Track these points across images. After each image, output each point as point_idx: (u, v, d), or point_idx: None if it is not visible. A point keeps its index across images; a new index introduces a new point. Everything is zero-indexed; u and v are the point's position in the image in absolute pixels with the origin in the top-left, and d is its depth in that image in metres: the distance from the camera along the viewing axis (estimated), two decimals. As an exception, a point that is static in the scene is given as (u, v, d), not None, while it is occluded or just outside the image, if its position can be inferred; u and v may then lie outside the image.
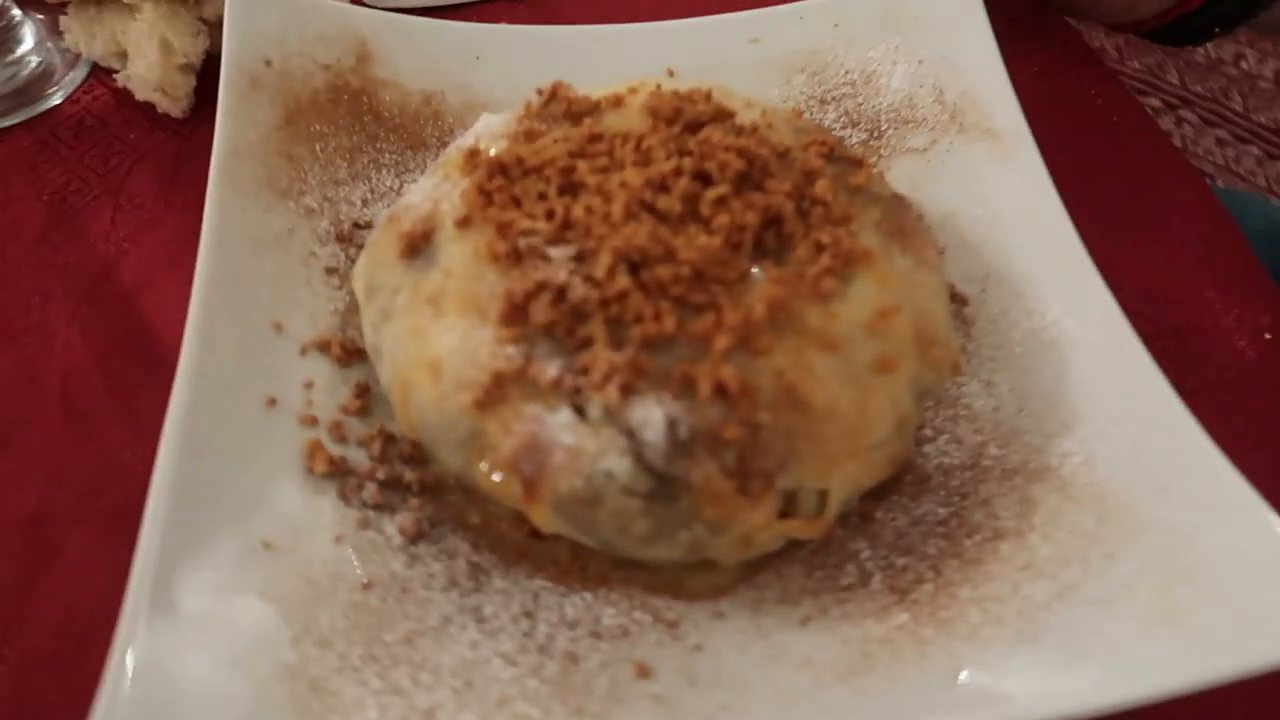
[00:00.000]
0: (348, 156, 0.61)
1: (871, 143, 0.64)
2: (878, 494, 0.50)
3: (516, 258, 0.45)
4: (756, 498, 0.43)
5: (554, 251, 0.45)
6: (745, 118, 0.52)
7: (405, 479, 0.49)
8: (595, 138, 0.50)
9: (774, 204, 0.47)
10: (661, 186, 0.47)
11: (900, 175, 0.62)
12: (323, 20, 0.63)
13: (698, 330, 0.44)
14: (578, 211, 0.46)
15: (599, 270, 0.44)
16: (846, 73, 0.67)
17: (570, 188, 0.48)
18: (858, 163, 0.52)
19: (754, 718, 0.41)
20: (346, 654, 0.42)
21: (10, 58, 0.71)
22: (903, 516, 0.50)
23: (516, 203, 0.48)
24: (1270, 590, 0.41)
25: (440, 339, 0.45)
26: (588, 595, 0.46)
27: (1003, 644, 0.43)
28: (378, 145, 0.62)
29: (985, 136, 0.62)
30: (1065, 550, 0.46)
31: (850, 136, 0.65)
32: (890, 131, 0.64)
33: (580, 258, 0.45)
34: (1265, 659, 0.39)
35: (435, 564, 0.47)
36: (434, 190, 0.50)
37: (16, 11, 0.72)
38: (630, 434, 0.42)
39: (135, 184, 0.67)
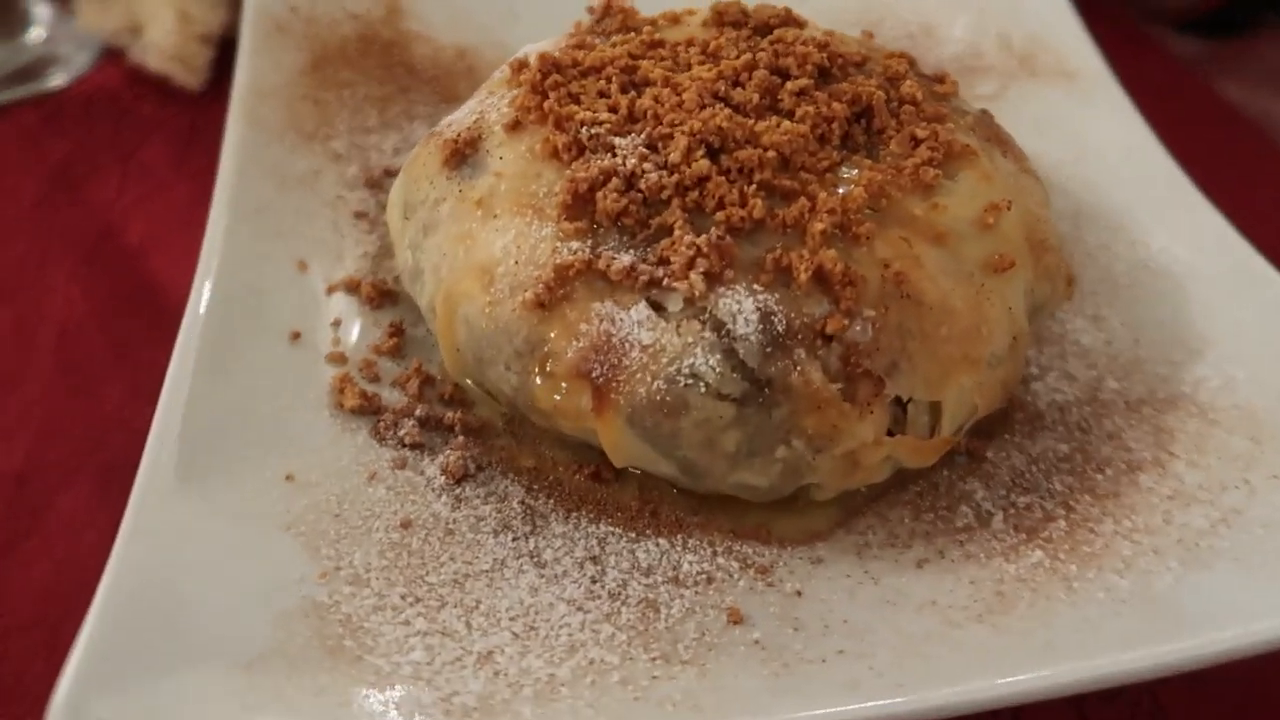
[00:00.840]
0: (378, 105, 0.56)
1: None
2: (986, 432, 0.44)
3: (579, 150, 0.40)
4: (865, 406, 0.37)
5: (621, 141, 0.40)
6: (816, 31, 0.48)
7: (447, 419, 0.43)
8: (657, 43, 0.46)
9: (863, 93, 0.42)
10: (735, 81, 0.42)
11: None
12: (351, -30, 0.59)
13: (790, 216, 0.38)
14: (645, 103, 0.41)
15: (675, 154, 0.39)
16: (904, 25, 0.63)
17: (634, 85, 0.43)
18: (940, 77, 0.48)
19: (879, 661, 0.34)
20: (385, 593, 0.35)
21: (18, 39, 0.68)
22: (1018, 455, 0.43)
23: (575, 100, 0.43)
24: None
25: (492, 242, 0.40)
26: (662, 541, 0.40)
27: (1168, 574, 0.36)
28: (410, 96, 0.57)
29: (1061, 78, 0.58)
30: (1220, 475, 0.40)
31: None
32: (957, 81, 0.60)
33: (651, 145, 0.40)
34: None
35: (484, 507, 0.40)
36: (478, 105, 0.46)
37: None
38: (719, 328, 0.36)
39: (146, 154, 0.62)
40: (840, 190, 0.40)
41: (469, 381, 0.44)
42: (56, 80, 0.66)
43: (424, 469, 0.41)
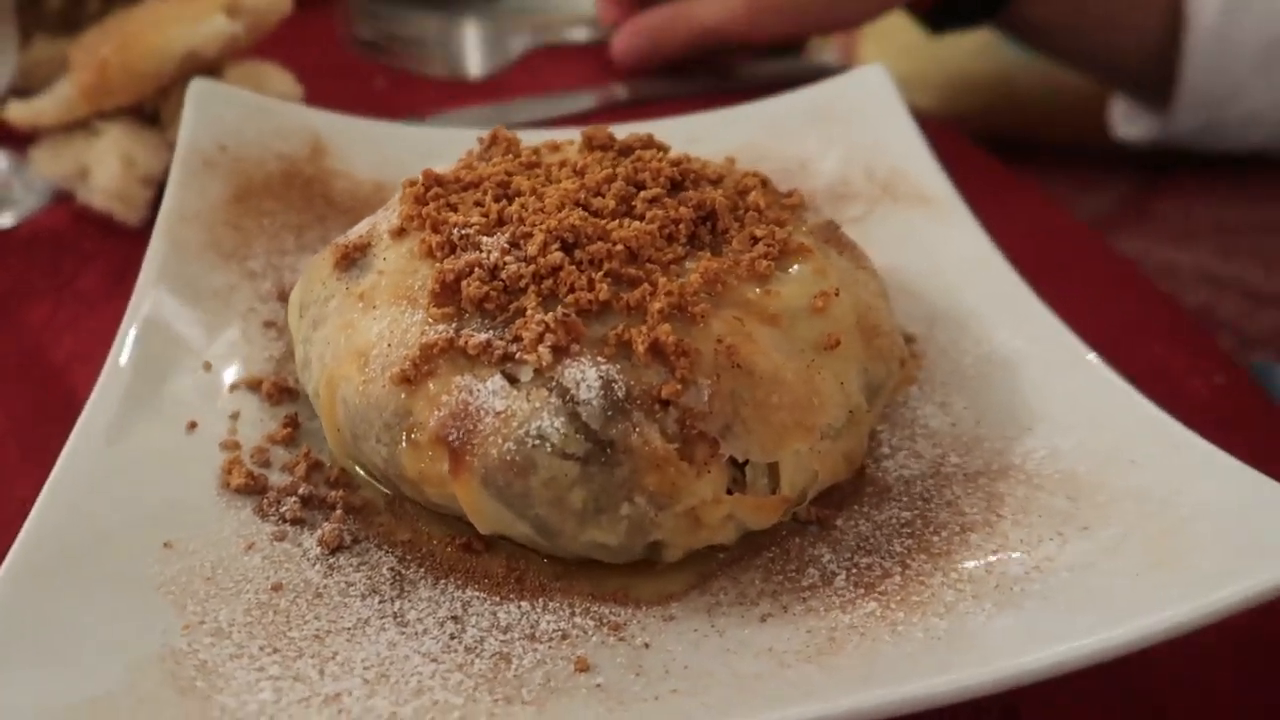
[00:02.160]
0: (295, 231, 0.61)
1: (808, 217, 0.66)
2: (837, 503, 0.47)
3: (450, 248, 0.45)
4: (702, 465, 0.41)
5: (487, 240, 0.45)
6: (678, 153, 0.54)
7: (330, 499, 0.46)
8: (533, 163, 0.52)
9: (708, 199, 0.48)
10: (596, 192, 0.48)
11: (840, 242, 0.63)
12: (280, 118, 0.66)
13: (633, 299, 0.43)
14: (513, 209, 0.47)
15: (533, 248, 0.44)
16: (784, 162, 0.70)
17: (506, 196, 0.48)
18: (789, 193, 0.54)
19: (709, 696, 0.36)
20: (245, 644, 0.37)
21: None
22: (865, 522, 0.46)
23: (452, 208, 0.48)
24: (1258, 525, 0.38)
25: (369, 329, 0.44)
26: (524, 604, 0.42)
27: (982, 614, 0.39)
28: (326, 224, 0.63)
29: (918, 203, 0.65)
30: (1038, 530, 0.43)
31: (788, 214, 0.67)
32: (827, 206, 0.67)
33: (514, 243, 0.45)
34: (1268, 583, 0.35)
35: (355, 574, 0.42)
36: (373, 218, 0.51)
37: None
38: (564, 394, 0.40)
39: (81, 283, 0.67)
40: (681, 279, 0.44)
41: (356, 467, 0.47)
42: (3, 221, 0.72)
43: (301, 541, 0.44)
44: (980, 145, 0.85)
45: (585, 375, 0.40)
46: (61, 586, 0.37)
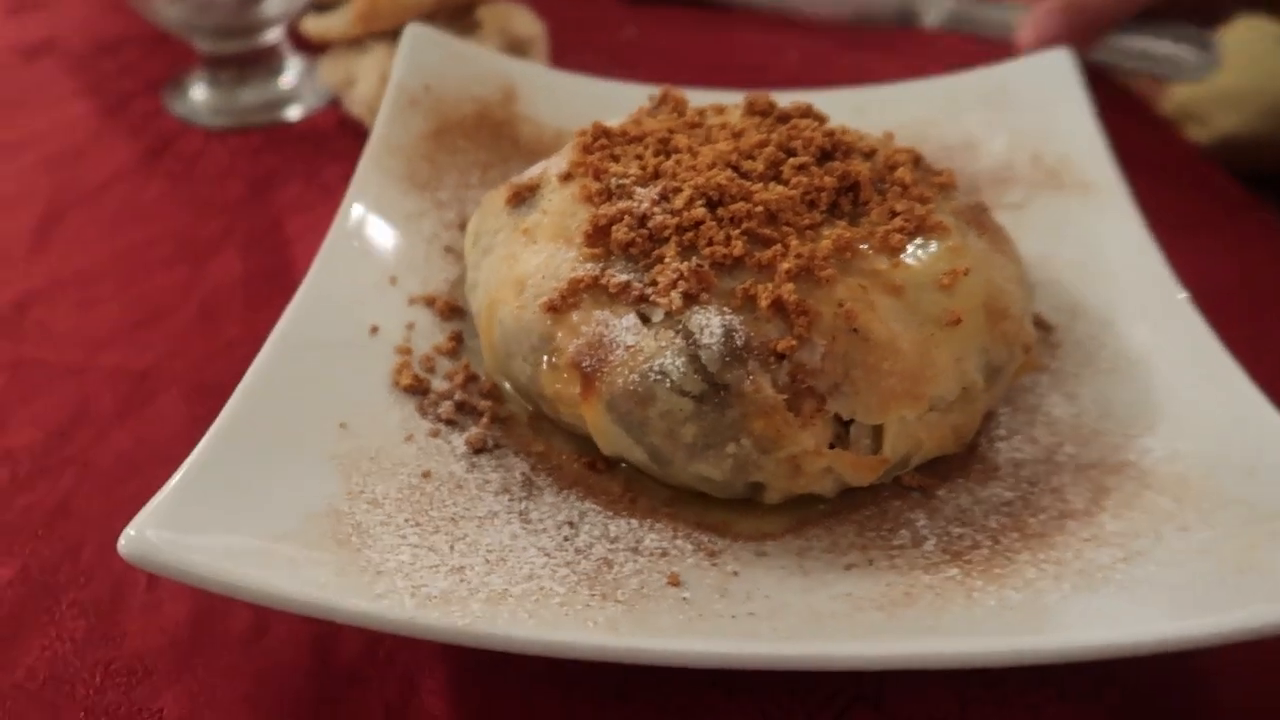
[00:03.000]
0: (482, 169, 0.68)
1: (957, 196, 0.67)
2: (944, 474, 0.49)
3: (607, 195, 0.50)
4: (807, 418, 0.44)
5: (641, 190, 0.49)
6: (837, 124, 0.56)
7: (480, 407, 0.52)
8: (695, 123, 0.55)
9: (853, 170, 0.50)
10: (748, 155, 0.51)
11: (996, 226, 0.64)
12: (480, 64, 0.72)
13: (764, 258, 0.46)
14: (667, 164, 0.51)
15: (679, 202, 0.48)
16: (948, 142, 0.70)
17: (665, 152, 0.52)
18: (939, 171, 0.55)
19: (781, 623, 0.40)
20: (393, 515, 0.44)
21: (272, 82, 0.88)
22: (966, 496, 0.48)
23: (614, 159, 0.52)
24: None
25: (528, 261, 0.49)
26: (634, 521, 0.47)
27: (1057, 594, 0.41)
28: (509, 164, 0.69)
29: (1080, 190, 0.64)
30: (1136, 526, 0.44)
31: (948, 193, 0.68)
32: (988, 190, 0.67)
33: (664, 195, 0.49)
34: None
35: (492, 473, 0.48)
36: (546, 162, 0.56)
37: (288, 52, 0.89)
38: (689, 336, 0.44)
39: (326, 174, 0.79)
40: (814, 244, 0.47)
41: (505, 382, 0.53)
42: (292, 114, 0.85)
43: (451, 439, 0.50)
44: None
45: (710, 322, 0.44)
46: (256, 449, 0.44)
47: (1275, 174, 0.85)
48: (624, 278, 0.46)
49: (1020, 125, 0.69)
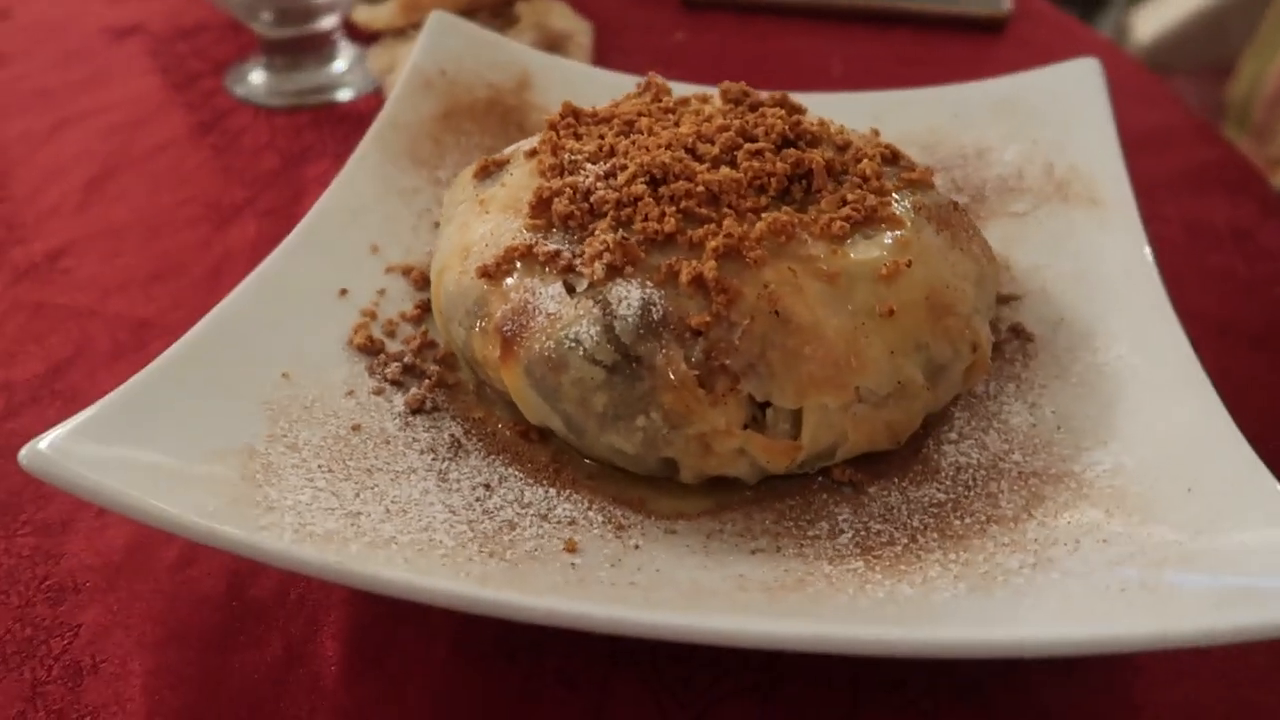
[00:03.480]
0: (485, 152, 0.69)
1: (972, 205, 0.65)
2: (880, 472, 0.48)
3: (560, 171, 0.50)
4: (719, 396, 0.43)
5: (590, 167, 0.50)
6: (814, 118, 0.55)
7: (429, 371, 0.53)
8: (668, 109, 0.56)
9: (806, 158, 0.49)
10: (708, 139, 0.51)
11: (996, 235, 0.61)
12: (498, 52, 0.74)
13: (696, 236, 0.46)
14: (622, 144, 0.51)
15: (622, 178, 0.48)
16: (961, 148, 0.68)
17: (627, 132, 0.53)
18: (912, 167, 0.53)
19: (660, 595, 0.39)
20: (308, 460, 0.45)
21: (325, 67, 0.93)
22: (897, 495, 0.47)
23: (577, 137, 0.53)
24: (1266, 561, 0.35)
25: (477, 229, 0.50)
26: (552, 490, 0.47)
27: (950, 592, 0.39)
28: (514, 149, 0.70)
29: (1087, 204, 0.61)
30: (1057, 534, 0.42)
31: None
32: (993, 197, 0.65)
33: (610, 172, 0.49)
34: (1234, 625, 0.32)
35: (423, 433, 0.49)
36: (523, 141, 0.57)
37: (341, 40, 0.94)
38: (606, 307, 0.44)
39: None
40: (749, 226, 0.47)
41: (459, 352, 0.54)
42: (342, 97, 0.90)
43: (393, 399, 0.51)
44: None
45: (629, 294, 0.44)
46: (188, 385, 0.46)
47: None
48: (554, 247, 0.46)
49: (1039, 134, 0.66)
